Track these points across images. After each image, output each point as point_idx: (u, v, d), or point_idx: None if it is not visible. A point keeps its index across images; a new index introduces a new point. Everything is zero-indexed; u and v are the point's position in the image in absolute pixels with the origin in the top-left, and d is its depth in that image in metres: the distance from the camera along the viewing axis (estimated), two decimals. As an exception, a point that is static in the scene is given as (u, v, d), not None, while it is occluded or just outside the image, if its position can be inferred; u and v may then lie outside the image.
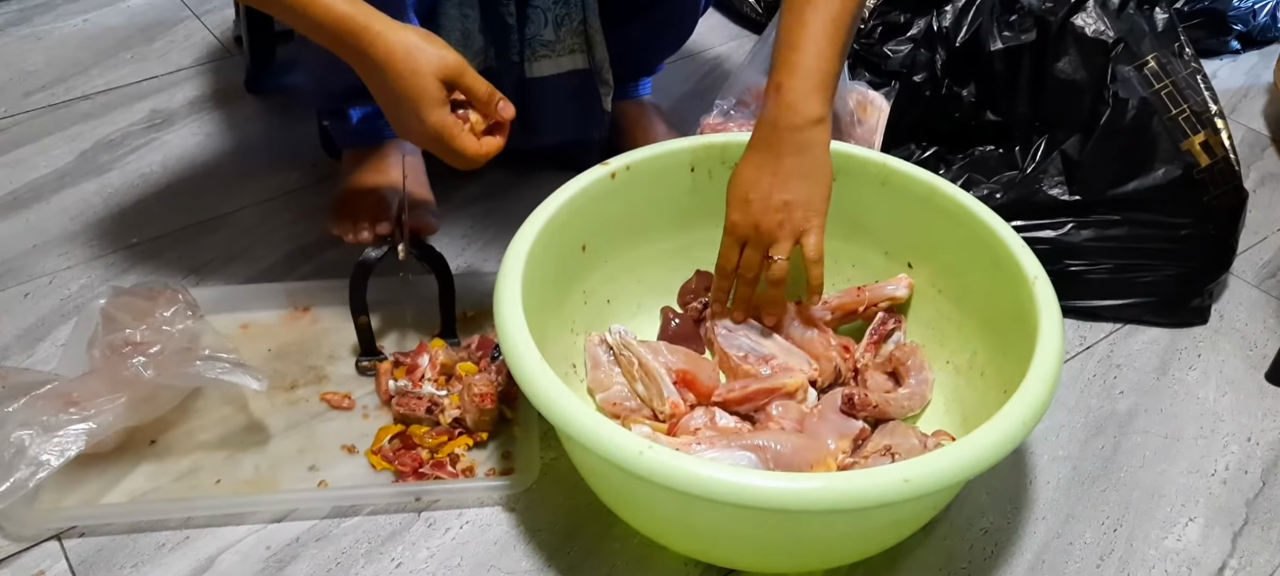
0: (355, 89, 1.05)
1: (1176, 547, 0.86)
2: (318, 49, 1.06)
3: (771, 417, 0.87)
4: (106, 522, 0.84)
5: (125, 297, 0.92)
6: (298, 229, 1.16)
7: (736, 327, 0.95)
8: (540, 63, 1.09)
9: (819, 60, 0.84)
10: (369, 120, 1.08)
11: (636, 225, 0.96)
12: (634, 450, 0.66)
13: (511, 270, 0.80)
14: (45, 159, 1.28)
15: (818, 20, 0.84)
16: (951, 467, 0.66)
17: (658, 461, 0.65)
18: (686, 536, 0.79)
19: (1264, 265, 1.16)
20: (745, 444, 0.80)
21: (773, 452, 0.79)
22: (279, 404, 0.94)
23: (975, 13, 1.07)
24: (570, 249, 0.91)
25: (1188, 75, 1.06)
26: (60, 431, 0.82)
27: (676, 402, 0.87)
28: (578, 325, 0.94)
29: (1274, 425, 0.97)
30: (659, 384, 0.87)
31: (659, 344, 0.94)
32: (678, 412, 0.86)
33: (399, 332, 1.02)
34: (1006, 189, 1.07)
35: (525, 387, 0.72)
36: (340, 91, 1.08)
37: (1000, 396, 0.75)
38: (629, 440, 0.67)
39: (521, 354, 0.74)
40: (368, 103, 1.06)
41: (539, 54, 1.09)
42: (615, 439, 0.67)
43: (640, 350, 0.90)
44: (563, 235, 0.89)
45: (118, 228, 1.16)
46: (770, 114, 0.85)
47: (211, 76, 1.45)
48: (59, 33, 1.55)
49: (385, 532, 0.84)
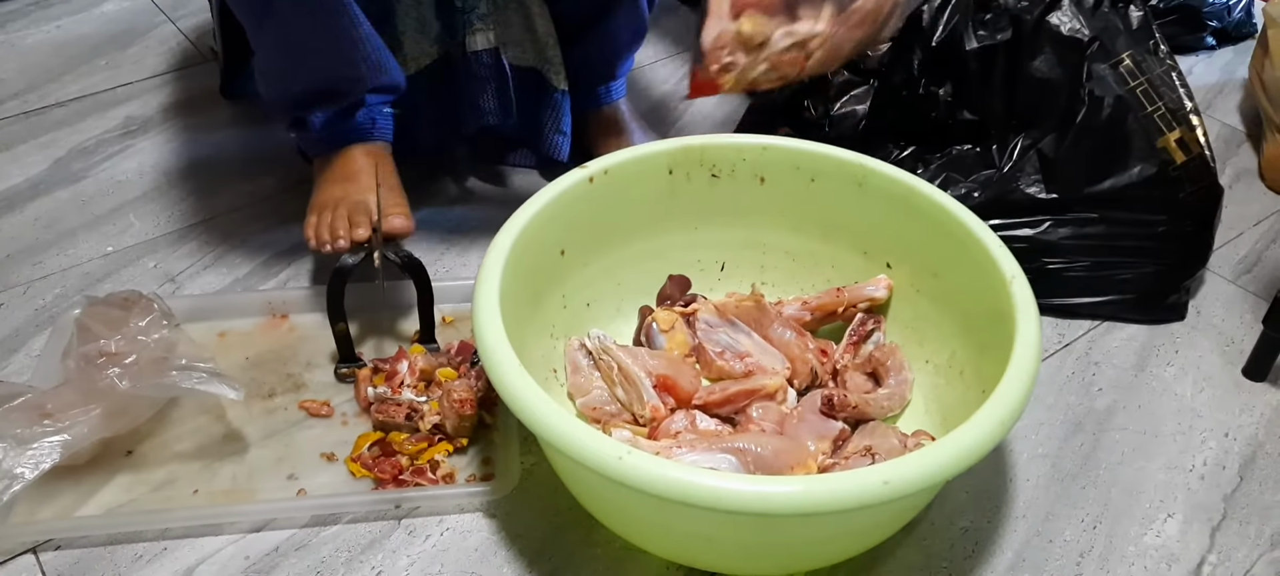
0: (313, 92, 1.05)
1: (1156, 543, 0.86)
2: (268, 53, 1.06)
3: (752, 420, 0.87)
4: (83, 535, 0.83)
5: (100, 307, 0.91)
6: (274, 235, 1.15)
7: (717, 323, 0.95)
8: (475, 36, 1.10)
9: None
10: (331, 125, 1.07)
11: (615, 229, 0.96)
12: (613, 455, 0.66)
13: (489, 276, 0.80)
14: (18, 167, 1.26)
15: None
16: (931, 468, 0.66)
17: (637, 466, 0.65)
18: (667, 540, 0.78)
19: (1240, 260, 1.17)
20: (726, 447, 0.80)
21: (753, 455, 0.79)
22: (257, 412, 0.93)
23: (951, 12, 1.08)
24: (549, 253, 0.91)
25: (1163, 72, 1.06)
26: (34, 443, 0.81)
27: (656, 406, 0.87)
28: (557, 329, 0.94)
29: (1251, 420, 0.97)
30: (639, 388, 0.87)
31: (638, 349, 0.94)
32: (658, 416, 0.86)
33: (377, 339, 1.01)
34: (984, 187, 1.07)
35: (504, 395, 0.72)
36: (298, 97, 1.07)
37: (979, 396, 0.76)
38: (608, 445, 0.66)
39: (500, 360, 0.73)
40: (327, 106, 1.06)
41: (474, 27, 1.09)
42: (594, 444, 0.67)
43: (620, 354, 0.89)
44: (541, 240, 0.88)
45: (92, 236, 1.15)
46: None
47: (186, 82, 1.44)
48: (31, 39, 1.54)
49: (365, 540, 0.84)
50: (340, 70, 1.02)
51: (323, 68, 1.03)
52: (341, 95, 1.05)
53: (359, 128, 1.08)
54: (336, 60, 1.01)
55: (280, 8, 0.98)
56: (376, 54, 1.03)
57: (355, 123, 1.07)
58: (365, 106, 1.07)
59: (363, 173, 1.06)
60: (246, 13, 1.02)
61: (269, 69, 1.08)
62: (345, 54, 1.01)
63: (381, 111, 1.09)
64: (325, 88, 1.04)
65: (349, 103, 1.05)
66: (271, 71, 1.08)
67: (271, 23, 1.00)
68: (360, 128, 1.08)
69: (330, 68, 1.02)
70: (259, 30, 1.02)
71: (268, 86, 1.11)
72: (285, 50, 1.04)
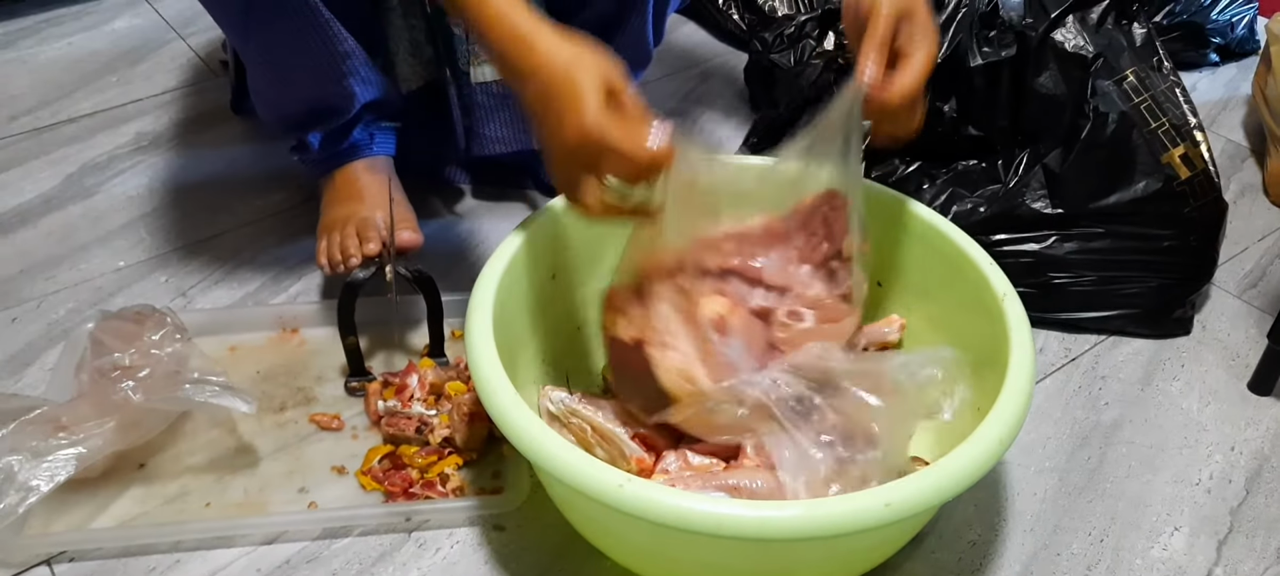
0: (306, 112, 1.06)
1: (1162, 557, 0.86)
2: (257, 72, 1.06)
3: (746, 455, 0.86)
4: (97, 547, 0.84)
5: (113, 321, 0.92)
6: (285, 250, 1.16)
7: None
8: (483, 67, 1.10)
9: None
10: (329, 144, 1.08)
11: (605, 252, 0.94)
12: (614, 484, 0.66)
13: (481, 304, 0.80)
14: (31, 183, 1.27)
15: None
16: (931, 490, 0.67)
17: (639, 495, 0.65)
18: (669, 568, 0.78)
19: (1245, 275, 1.17)
20: (720, 484, 0.79)
21: (748, 491, 0.79)
22: (268, 426, 0.94)
23: (955, 29, 1.08)
24: (540, 278, 0.90)
25: (1167, 89, 1.07)
26: (49, 456, 0.81)
27: (642, 458, 0.83)
28: (550, 355, 0.93)
29: (1257, 434, 0.98)
30: (618, 444, 0.84)
31: (602, 402, 0.87)
32: (645, 467, 0.83)
33: (387, 353, 1.02)
34: (990, 202, 1.08)
35: (503, 427, 0.71)
36: (293, 118, 1.08)
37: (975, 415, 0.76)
38: (609, 474, 0.66)
39: (497, 393, 0.72)
40: (323, 125, 1.06)
41: (480, 57, 1.09)
42: (595, 474, 0.67)
43: (589, 414, 0.85)
44: (530, 265, 0.88)
45: (104, 251, 1.16)
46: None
47: (197, 98, 1.45)
48: (43, 56, 1.55)
49: (376, 553, 0.84)
50: (328, 87, 1.02)
51: (311, 84, 1.03)
52: (335, 113, 1.05)
53: (357, 145, 1.08)
54: (323, 76, 1.01)
55: (260, 29, 0.98)
56: (365, 69, 1.03)
57: (352, 140, 1.08)
58: (361, 124, 1.07)
59: (367, 189, 1.07)
60: (232, 34, 1.03)
61: (262, 89, 1.09)
62: (332, 69, 1.01)
63: (380, 126, 1.10)
64: (317, 106, 1.05)
65: (343, 121, 1.06)
66: (264, 92, 1.09)
67: (255, 38, 1.01)
68: (358, 145, 1.08)
69: (318, 84, 1.03)
70: (245, 46, 1.03)
71: (263, 108, 1.12)
72: (271, 67, 1.04)
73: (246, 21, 0.98)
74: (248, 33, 1.00)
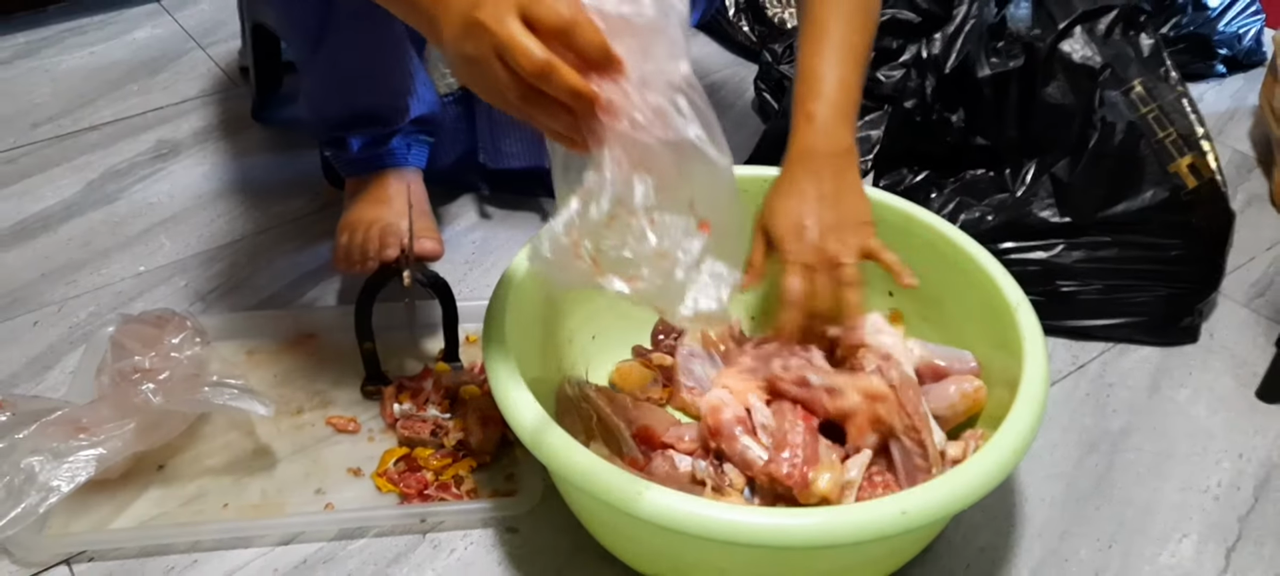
0: (355, 117, 1.08)
1: (1171, 564, 0.87)
2: (317, 78, 1.08)
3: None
4: (116, 547, 0.85)
5: (133, 325, 0.93)
6: (302, 257, 1.18)
7: (698, 354, 0.96)
8: None
9: (844, 90, 0.85)
10: (368, 148, 1.10)
11: None
12: (633, 491, 0.67)
13: (497, 311, 0.81)
14: (53, 189, 1.30)
15: (837, 55, 0.85)
16: (946, 499, 0.68)
17: (657, 503, 0.66)
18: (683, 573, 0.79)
19: (1252, 284, 1.18)
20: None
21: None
22: (285, 428, 0.95)
23: (964, 40, 1.09)
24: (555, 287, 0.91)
25: (1174, 99, 1.08)
26: (70, 457, 0.83)
27: (636, 458, 0.86)
28: (565, 365, 0.95)
29: (1265, 442, 0.98)
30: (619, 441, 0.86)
31: (616, 395, 0.92)
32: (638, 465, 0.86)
33: (403, 357, 1.03)
34: (998, 211, 1.09)
35: (521, 435, 0.73)
36: (340, 120, 1.09)
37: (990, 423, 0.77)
38: (627, 481, 0.67)
39: (515, 402, 0.74)
40: (367, 131, 1.08)
41: None
42: (613, 481, 0.68)
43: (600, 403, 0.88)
44: None
45: (124, 256, 1.18)
46: (806, 141, 0.86)
47: (217, 106, 1.47)
48: (66, 65, 1.57)
49: (391, 554, 0.85)
50: (387, 99, 1.05)
51: (369, 94, 1.06)
52: (383, 122, 1.07)
53: (394, 153, 1.10)
54: (386, 90, 1.05)
55: (335, 41, 1.00)
56: (422, 88, 1.06)
57: (391, 148, 1.10)
58: (402, 133, 1.09)
59: (395, 198, 1.08)
60: (300, 43, 1.05)
61: (315, 92, 1.11)
62: (396, 86, 1.04)
63: (417, 139, 1.12)
64: (368, 114, 1.07)
65: (389, 130, 1.08)
66: (316, 95, 1.11)
67: (325, 52, 1.03)
68: (396, 153, 1.10)
69: (376, 94, 1.05)
70: (312, 58, 1.05)
71: (311, 107, 1.13)
72: (335, 78, 1.07)
73: (321, 31, 1.00)
74: (319, 42, 1.02)
